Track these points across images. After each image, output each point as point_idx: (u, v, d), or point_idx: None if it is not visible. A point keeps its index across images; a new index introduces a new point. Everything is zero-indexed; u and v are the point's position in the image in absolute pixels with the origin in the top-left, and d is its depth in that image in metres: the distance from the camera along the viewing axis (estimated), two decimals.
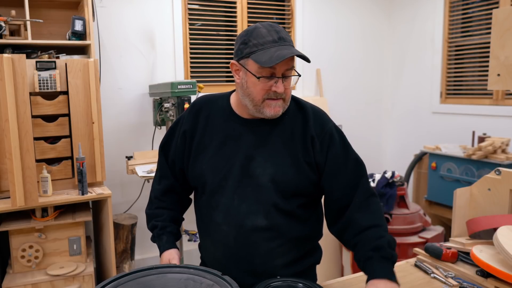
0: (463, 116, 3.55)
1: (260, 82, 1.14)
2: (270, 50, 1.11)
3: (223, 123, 1.25)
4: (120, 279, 0.99)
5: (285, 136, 1.22)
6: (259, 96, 1.16)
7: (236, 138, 1.23)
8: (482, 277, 1.23)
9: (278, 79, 1.14)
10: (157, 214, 1.35)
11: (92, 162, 2.45)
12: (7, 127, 2.11)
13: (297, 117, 1.24)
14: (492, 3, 3.32)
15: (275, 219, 1.19)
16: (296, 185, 1.19)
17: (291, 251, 1.23)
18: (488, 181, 1.43)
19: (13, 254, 2.32)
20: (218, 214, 1.21)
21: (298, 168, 1.19)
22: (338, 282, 1.28)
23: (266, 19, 3.69)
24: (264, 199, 1.18)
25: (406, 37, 4.07)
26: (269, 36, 1.13)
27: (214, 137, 1.24)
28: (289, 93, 1.20)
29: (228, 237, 1.20)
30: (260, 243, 1.19)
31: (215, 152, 1.23)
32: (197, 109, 1.30)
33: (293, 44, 1.16)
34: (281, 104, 1.17)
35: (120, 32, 3.10)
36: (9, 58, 2.09)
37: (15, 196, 2.15)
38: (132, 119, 3.19)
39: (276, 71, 1.13)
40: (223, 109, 1.27)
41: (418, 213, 2.76)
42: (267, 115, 1.17)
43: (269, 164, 1.19)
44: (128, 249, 2.83)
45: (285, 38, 1.15)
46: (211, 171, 1.23)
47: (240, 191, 1.19)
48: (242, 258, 1.20)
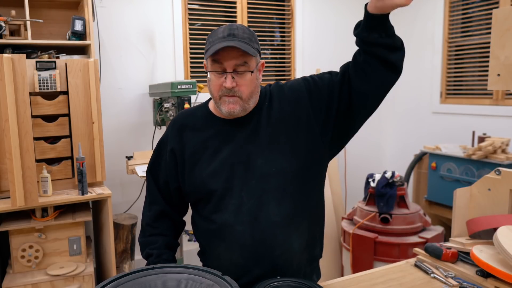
0: (463, 116, 3.55)
1: (214, 78, 1.18)
2: (215, 45, 1.13)
3: (209, 129, 1.26)
4: (120, 279, 0.99)
5: (273, 120, 1.23)
6: (215, 93, 1.19)
7: (226, 140, 1.23)
8: (482, 277, 1.23)
9: (227, 74, 1.15)
10: (150, 242, 1.32)
11: (92, 162, 2.45)
12: (7, 127, 2.11)
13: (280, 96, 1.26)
14: (492, 3, 3.32)
15: (286, 204, 1.20)
16: (298, 161, 1.21)
17: (306, 233, 1.25)
18: (488, 181, 1.43)
19: (13, 254, 2.32)
20: (229, 216, 1.20)
21: (295, 144, 1.21)
22: (338, 282, 1.28)
23: (266, 19, 3.70)
24: (271, 187, 1.19)
25: (406, 37, 4.04)
26: (220, 34, 1.16)
27: (205, 145, 1.25)
28: (246, 90, 1.17)
29: (244, 236, 1.19)
30: (277, 233, 1.19)
31: (210, 159, 1.23)
32: (178, 126, 1.30)
33: (247, 41, 1.15)
34: (235, 101, 1.17)
35: (120, 32, 3.10)
36: (9, 58, 2.09)
37: (15, 196, 2.15)
38: (132, 119, 3.19)
39: (225, 66, 1.15)
40: (204, 117, 1.29)
41: (418, 213, 2.76)
42: (223, 112, 1.19)
43: (268, 151, 1.20)
44: (128, 249, 2.83)
45: (237, 34, 1.15)
46: (212, 177, 1.22)
47: (246, 187, 1.19)
48: (261, 254, 1.19)
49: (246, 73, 1.16)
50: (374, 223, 2.73)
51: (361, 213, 2.84)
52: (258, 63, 1.22)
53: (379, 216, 2.73)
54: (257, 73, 1.22)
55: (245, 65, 1.16)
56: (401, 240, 2.64)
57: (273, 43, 3.85)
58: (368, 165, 4.04)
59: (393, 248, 2.63)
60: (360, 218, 2.82)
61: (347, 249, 2.85)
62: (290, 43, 3.81)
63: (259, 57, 1.22)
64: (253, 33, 1.20)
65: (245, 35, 1.16)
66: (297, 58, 3.81)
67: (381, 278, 1.29)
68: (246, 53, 1.14)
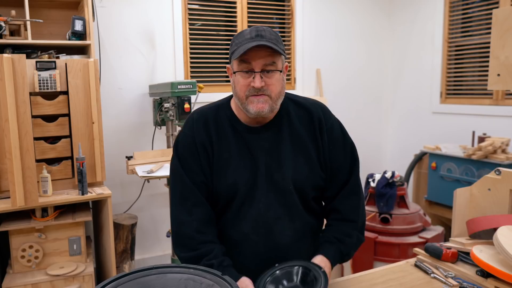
0: (463, 116, 3.55)
1: (241, 79, 1.16)
2: (244, 46, 1.13)
3: (234, 133, 1.24)
4: (120, 279, 0.99)
5: (293, 137, 1.25)
6: (241, 93, 1.17)
7: (250, 147, 1.23)
8: (482, 277, 1.23)
9: (255, 74, 1.14)
10: (204, 253, 1.15)
11: (92, 162, 2.45)
12: (7, 127, 2.11)
13: (299, 115, 1.27)
14: (492, 3, 3.32)
15: (300, 219, 1.25)
16: (311, 182, 1.25)
17: (312, 246, 1.29)
18: (488, 181, 1.43)
19: (13, 254, 2.32)
20: (246, 225, 1.22)
21: (310, 165, 1.24)
22: (338, 282, 1.28)
23: (266, 19, 3.69)
24: (288, 202, 1.23)
25: (406, 37, 4.07)
26: (248, 35, 1.15)
27: (230, 149, 1.23)
28: (275, 90, 1.17)
29: (257, 246, 1.22)
30: (290, 246, 1.23)
31: (237, 164, 1.22)
32: (203, 120, 1.24)
33: (274, 42, 1.15)
34: (265, 100, 1.16)
35: (120, 32, 3.10)
36: (9, 58, 2.09)
37: (15, 196, 2.15)
38: (132, 119, 3.19)
39: (253, 66, 1.15)
40: (228, 119, 1.25)
41: (418, 213, 2.76)
42: (251, 113, 1.17)
43: (286, 168, 1.22)
44: (128, 249, 2.83)
45: (264, 35, 1.15)
46: (240, 182, 1.21)
47: (264, 199, 1.21)
48: (273, 261, 1.19)
49: (274, 72, 1.16)
50: (374, 223, 2.73)
51: None
52: (284, 64, 1.22)
53: (379, 216, 2.73)
54: (284, 75, 1.22)
55: (273, 64, 1.16)
56: (401, 240, 2.64)
57: None
58: (368, 165, 4.03)
59: (393, 248, 2.64)
60: None
61: None
62: (290, 43, 3.81)
63: (285, 59, 1.23)
64: (279, 35, 1.20)
65: (272, 36, 1.17)
66: (297, 58, 3.81)
67: (381, 278, 1.29)
68: (274, 53, 1.14)
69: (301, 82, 3.83)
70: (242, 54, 1.12)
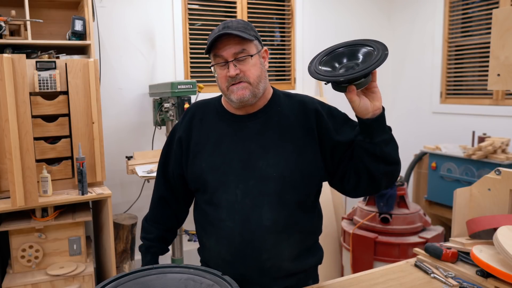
0: (463, 116, 3.55)
1: (219, 72, 1.20)
2: (211, 39, 1.17)
3: (217, 122, 1.28)
4: (120, 279, 0.99)
5: (282, 125, 1.23)
6: (223, 85, 1.21)
7: (232, 135, 1.24)
8: (482, 277, 1.23)
9: (229, 63, 1.17)
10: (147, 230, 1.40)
11: (92, 162, 2.45)
12: (7, 127, 2.11)
13: (291, 105, 1.27)
14: (492, 3, 3.32)
15: (280, 211, 1.19)
16: (300, 172, 1.20)
17: (296, 245, 1.23)
18: (488, 181, 1.43)
19: (13, 254, 2.32)
20: (222, 211, 1.21)
21: (300, 155, 1.21)
22: (338, 282, 1.28)
23: (266, 19, 3.70)
24: (269, 191, 1.18)
25: (406, 37, 4.07)
26: (216, 30, 1.19)
27: (209, 136, 1.26)
28: (252, 75, 1.19)
29: (233, 233, 1.19)
30: (267, 237, 1.18)
31: (212, 151, 1.24)
32: (190, 115, 1.33)
33: (242, 29, 1.18)
34: (244, 87, 1.18)
35: (120, 32, 3.10)
36: (9, 58, 2.09)
37: (15, 196, 2.15)
38: (132, 119, 3.19)
39: (226, 57, 1.17)
40: (215, 109, 1.31)
41: (418, 213, 2.76)
42: (234, 101, 1.20)
43: (271, 155, 1.20)
44: (128, 249, 2.83)
45: (231, 26, 1.18)
46: (210, 169, 1.23)
47: (242, 185, 1.19)
48: (248, 254, 1.19)
49: (247, 58, 1.18)
50: (374, 223, 2.73)
51: (361, 213, 2.84)
52: (260, 50, 1.23)
53: (379, 216, 2.73)
54: (261, 59, 1.23)
55: (244, 51, 1.18)
56: (401, 240, 2.64)
57: (273, 43, 3.85)
58: None
59: (393, 248, 2.64)
60: (360, 218, 2.83)
61: (347, 249, 2.85)
62: (290, 43, 3.81)
63: (260, 45, 1.23)
64: (249, 23, 1.23)
65: (239, 25, 1.19)
66: (297, 58, 3.81)
67: (381, 278, 1.29)
68: (243, 40, 1.16)
69: (301, 82, 3.83)
70: (213, 49, 1.18)
